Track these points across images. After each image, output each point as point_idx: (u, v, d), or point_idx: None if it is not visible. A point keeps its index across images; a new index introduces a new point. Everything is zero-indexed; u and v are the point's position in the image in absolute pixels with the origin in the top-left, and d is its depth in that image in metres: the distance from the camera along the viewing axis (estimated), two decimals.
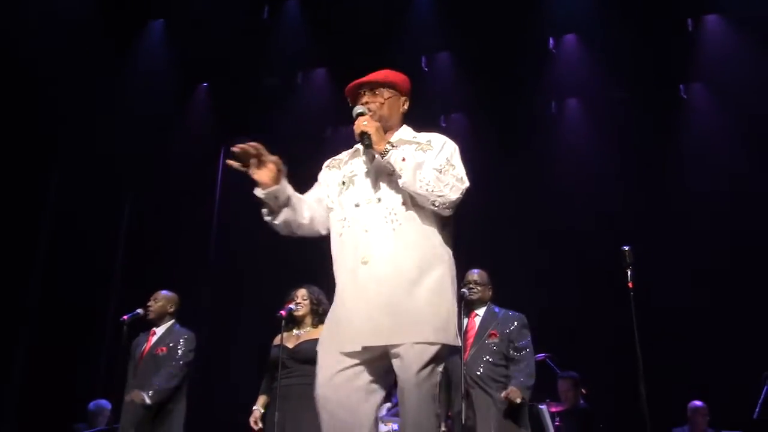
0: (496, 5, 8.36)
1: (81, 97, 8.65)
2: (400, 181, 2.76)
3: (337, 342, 2.76)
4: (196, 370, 5.93)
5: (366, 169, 2.93)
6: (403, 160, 2.77)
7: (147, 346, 5.68)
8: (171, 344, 5.61)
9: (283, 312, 5.00)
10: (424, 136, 2.97)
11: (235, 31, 8.96)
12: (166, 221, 9.11)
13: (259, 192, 2.82)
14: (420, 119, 3.16)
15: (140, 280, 7.80)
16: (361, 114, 2.90)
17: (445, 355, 2.76)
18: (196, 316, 7.79)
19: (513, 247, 8.10)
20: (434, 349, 2.69)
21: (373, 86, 3.03)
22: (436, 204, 2.76)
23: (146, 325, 5.81)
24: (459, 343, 2.85)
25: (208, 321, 8.78)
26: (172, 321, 5.81)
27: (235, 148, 2.79)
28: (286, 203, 2.87)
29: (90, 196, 8.53)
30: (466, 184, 2.85)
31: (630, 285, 3.91)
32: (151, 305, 5.77)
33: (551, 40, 8.87)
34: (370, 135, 2.80)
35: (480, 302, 5.23)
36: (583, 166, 8.65)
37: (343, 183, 2.95)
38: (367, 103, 2.97)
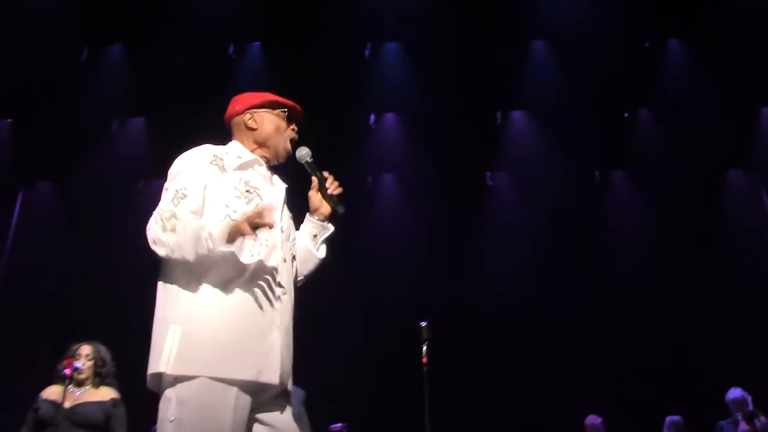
0: (320, 80, 8.48)
1: None
2: (321, 251, 2.71)
3: (253, 366, 2.28)
4: None
5: (268, 188, 2.57)
6: None
7: None
8: None
9: (68, 371, 4.44)
10: None
11: (48, 69, 8.47)
12: None
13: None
14: None
15: None
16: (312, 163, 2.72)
17: None
18: None
19: (313, 321, 7.97)
20: None
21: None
22: (300, 283, 2.70)
23: None
24: None
25: None
26: None
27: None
28: None
29: None
30: None
31: (425, 360, 3.95)
32: None
33: (372, 116, 9.16)
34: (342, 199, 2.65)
35: None
36: (393, 242, 8.87)
37: (248, 192, 2.46)
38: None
